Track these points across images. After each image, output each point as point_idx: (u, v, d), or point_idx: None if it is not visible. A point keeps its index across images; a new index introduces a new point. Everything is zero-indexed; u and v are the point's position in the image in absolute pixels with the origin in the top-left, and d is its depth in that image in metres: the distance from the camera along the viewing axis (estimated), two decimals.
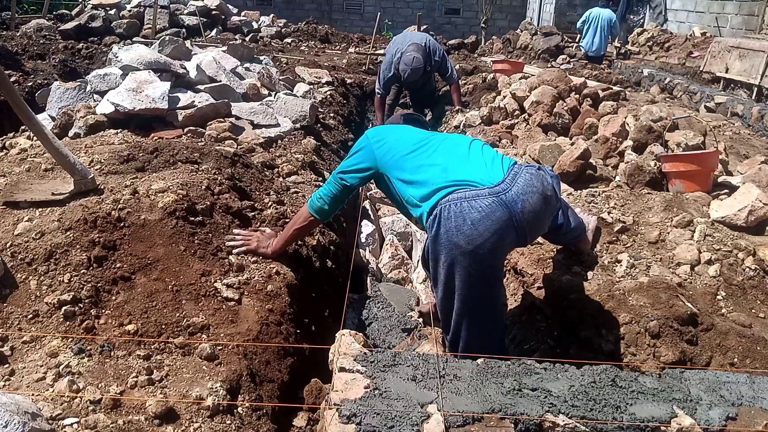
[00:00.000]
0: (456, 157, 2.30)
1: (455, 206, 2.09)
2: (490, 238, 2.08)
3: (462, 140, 2.47)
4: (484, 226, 2.07)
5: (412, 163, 2.33)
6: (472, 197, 2.09)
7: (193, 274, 2.40)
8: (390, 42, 6.76)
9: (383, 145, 2.44)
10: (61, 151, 2.67)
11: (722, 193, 3.41)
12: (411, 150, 2.37)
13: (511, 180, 2.15)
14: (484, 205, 2.07)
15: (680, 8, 13.27)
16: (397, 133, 2.52)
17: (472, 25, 19.15)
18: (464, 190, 2.12)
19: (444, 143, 2.40)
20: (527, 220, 2.14)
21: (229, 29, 12.44)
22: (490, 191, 2.10)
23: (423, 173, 2.27)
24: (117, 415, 1.76)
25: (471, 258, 2.10)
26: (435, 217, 2.14)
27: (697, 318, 2.46)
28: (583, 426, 1.58)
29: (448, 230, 2.10)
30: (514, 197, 2.11)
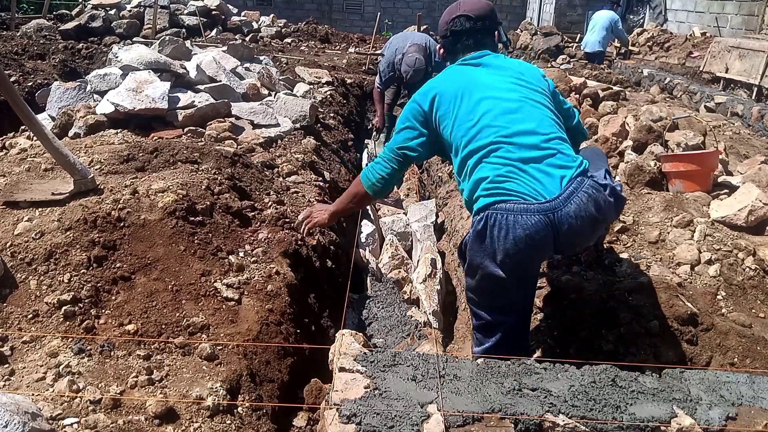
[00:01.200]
0: (521, 148, 2.12)
1: (501, 217, 2.05)
2: (529, 254, 2.09)
3: (536, 117, 2.20)
4: (529, 243, 2.04)
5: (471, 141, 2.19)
6: (520, 211, 2.03)
7: (193, 274, 2.40)
8: (388, 41, 6.76)
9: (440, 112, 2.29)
10: (61, 151, 2.67)
11: (722, 193, 3.41)
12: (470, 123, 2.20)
13: (565, 198, 2.04)
14: (530, 223, 2.02)
15: (680, 8, 13.27)
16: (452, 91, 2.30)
17: None
18: (514, 202, 2.05)
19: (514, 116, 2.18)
20: (569, 242, 2.14)
21: (229, 29, 12.44)
22: (539, 207, 2.03)
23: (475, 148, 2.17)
24: (117, 415, 1.76)
25: (505, 267, 2.10)
26: (482, 219, 2.12)
27: (697, 318, 2.47)
28: (583, 426, 1.58)
29: (491, 237, 2.08)
30: (562, 218, 2.03)
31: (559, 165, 2.11)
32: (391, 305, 3.41)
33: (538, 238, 2.03)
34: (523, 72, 2.37)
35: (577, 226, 2.04)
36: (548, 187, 2.06)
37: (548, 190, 2.05)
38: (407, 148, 2.41)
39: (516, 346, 2.22)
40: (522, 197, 2.04)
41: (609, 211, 2.16)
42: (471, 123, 2.20)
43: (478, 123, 2.18)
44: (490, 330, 2.27)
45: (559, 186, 2.06)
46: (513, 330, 2.25)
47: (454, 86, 2.29)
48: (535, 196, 2.04)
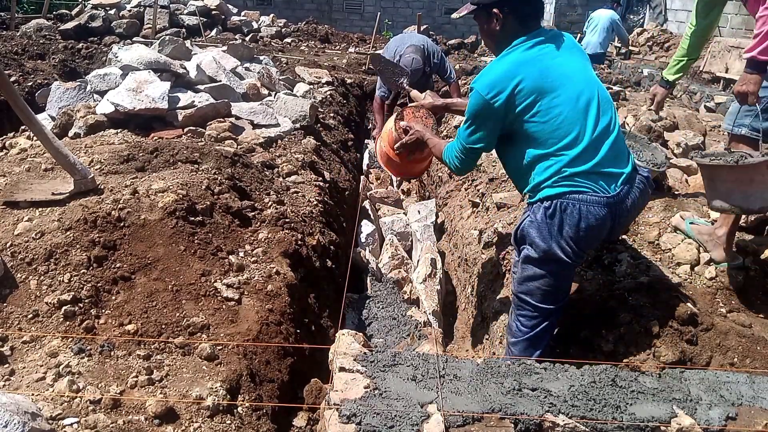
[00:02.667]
0: (593, 141, 2.18)
1: (574, 207, 2.17)
2: (591, 242, 2.29)
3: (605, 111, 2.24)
4: (593, 234, 2.21)
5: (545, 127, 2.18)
6: (593, 203, 2.16)
7: (193, 274, 2.40)
8: (387, 43, 6.75)
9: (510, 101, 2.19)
10: (61, 151, 2.67)
11: None
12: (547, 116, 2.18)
13: (625, 193, 2.21)
14: (600, 215, 2.17)
15: (680, 8, 13.27)
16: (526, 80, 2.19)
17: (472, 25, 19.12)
18: (587, 193, 2.16)
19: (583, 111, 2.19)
20: (618, 232, 2.43)
21: (229, 29, 12.44)
22: (608, 201, 2.17)
23: (557, 139, 2.18)
24: (117, 415, 1.77)
25: (570, 252, 2.21)
26: (553, 205, 2.19)
27: (697, 318, 2.46)
28: (583, 426, 1.58)
29: (562, 223, 2.18)
30: (621, 211, 2.22)
31: (622, 163, 2.26)
32: (391, 305, 3.41)
33: (603, 228, 2.21)
34: (580, 49, 2.38)
35: (629, 217, 2.32)
36: (614, 183, 2.21)
37: (613, 186, 2.20)
38: (479, 147, 2.37)
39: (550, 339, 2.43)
40: (594, 189, 2.17)
41: (647, 200, 2.41)
42: (555, 120, 2.17)
43: (562, 120, 2.17)
44: (534, 320, 2.36)
45: (620, 183, 2.21)
46: (555, 316, 2.38)
47: (531, 78, 2.17)
48: (603, 190, 2.18)
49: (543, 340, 2.38)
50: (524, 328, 2.39)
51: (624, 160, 2.26)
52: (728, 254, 2.72)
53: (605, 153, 2.18)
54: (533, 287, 2.32)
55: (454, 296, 3.89)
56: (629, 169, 2.24)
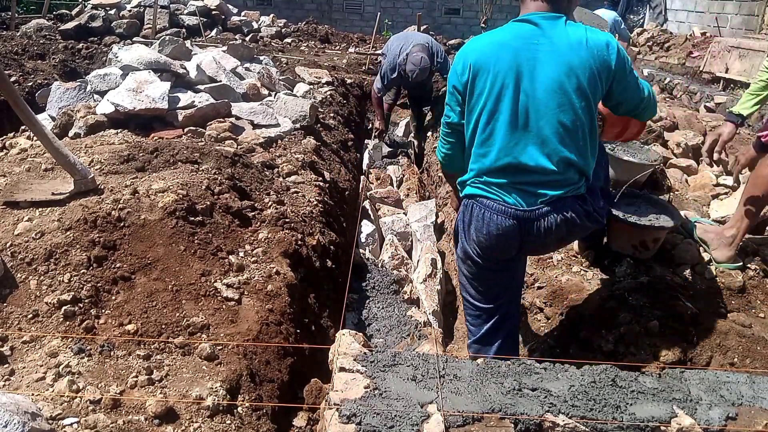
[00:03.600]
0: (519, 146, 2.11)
1: (479, 212, 2.21)
2: (496, 248, 2.25)
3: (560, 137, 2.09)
4: (497, 242, 2.22)
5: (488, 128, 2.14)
6: (498, 212, 2.16)
7: (193, 274, 2.40)
8: (387, 42, 6.75)
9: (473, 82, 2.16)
10: (61, 151, 2.67)
11: (722, 193, 3.41)
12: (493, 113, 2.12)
13: (542, 214, 2.14)
14: (503, 225, 2.17)
15: (680, 8, 13.27)
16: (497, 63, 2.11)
17: (472, 25, 19.14)
18: (496, 201, 2.16)
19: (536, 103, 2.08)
20: (533, 249, 2.37)
21: (229, 29, 12.44)
22: (515, 213, 2.14)
23: (487, 145, 2.16)
24: (117, 415, 1.76)
25: (479, 254, 2.29)
26: (467, 206, 2.28)
27: (697, 318, 2.46)
28: (583, 426, 1.58)
29: (470, 225, 2.26)
30: (532, 229, 2.17)
31: (554, 188, 2.14)
32: (391, 305, 3.41)
33: (507, 239, 2.20)
34: (574, 62, 2.06)
35: (546, 239, 2.20)
36: (533, 200, 2.15)
37: (530, 202, 2.15)
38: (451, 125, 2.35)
39: (506, 338, 2.39)
40: (504, 199, 2.16)
41: (582, 231, 2.32)
42: (486, 128, 2.15)
43: (493, 130, 2.14)
44: (478, 318, 2.41)
45: (540, 203, 2.14)
46: (499, 321, 2.37)
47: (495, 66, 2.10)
48: (516, 203, 2.15)
49: (494, 338, 2.37)
50: (472, 327, 2.44)
51: (560, 187, 2.12)
52: (734, 255, 2.73)
53: (538, 169, 2.10)
54: (464, 283, 2.41)
55: (454, 296, 3.89)
56: (560, 193, 2.12)
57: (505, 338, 2.39)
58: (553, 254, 3.04)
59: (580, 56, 2.05)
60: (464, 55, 2.21)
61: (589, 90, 2.07)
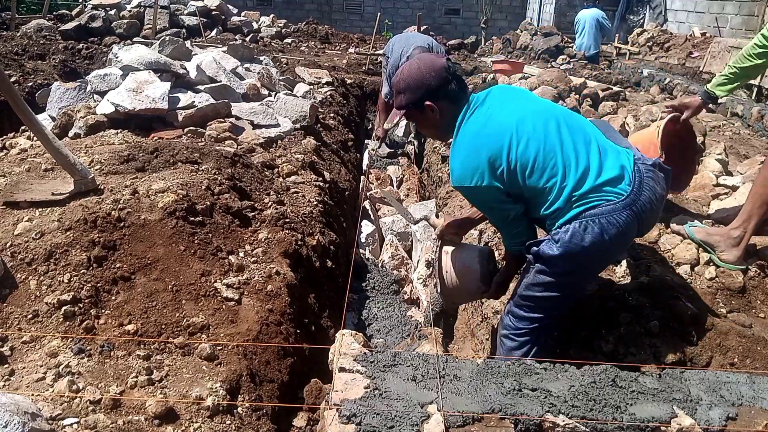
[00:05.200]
0: (581, 157, 2.13)
1: (594, 224, 2.09)
2: (621, 248, 2.25)
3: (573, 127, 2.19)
4: (622, 240, 2.18)
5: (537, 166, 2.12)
6: (611, 212, 2.09)
7: (193, 274, 2.40)
8: (389, 43, 6.75)
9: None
10: (61, 151, 2.67)
11: (722, 193, 3.41)
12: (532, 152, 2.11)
13: (638, 187, 2.14)
14: (621, 220, 2.10)
15: (680, 8, 13.27)
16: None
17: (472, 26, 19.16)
18: (599, 205, 2.10)
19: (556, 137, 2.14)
20: (648, 225, 2.30)
21: (229, 29, 12.44)
22: (625, 203, 2.11)
23: (548, 178, 2.12)
24: (117, 415, 1.76)
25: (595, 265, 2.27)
26: (571, 228, 2.12)
27: (697, 318, 2.46)
28: (583, 426, 1.58)
29: (584, 244, 2.11)
30: (643, 206, 2.14)
31: (616, 163, 2.17)
32: (391, 305, 3.41)
33: (629, 232, 2.16)
34: (514, 91, 2.39)
35: (655, 209, 2.21)
36: (621, 183, 2.14)
37: (624, 186, 2.14)
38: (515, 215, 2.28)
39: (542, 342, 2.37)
40: (607, 199, 2.11)
41: (666, 186, 2.30)
42: (537, 163, 2.13)
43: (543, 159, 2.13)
44: (543, 330, 2.34)
45: (628, 180, 2.15)
46: (545, 331, 2.36)
47: (494, 144, 2.14)
48: (616, 195, 2.12)
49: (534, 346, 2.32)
50: (531, 341, 2.33)
51: (617, 160, 2.18)
52: (742, 256, 2.68)
53: (597, 162, 2.14)
54: (537, 295, 2.26)
55: None
56: (628, 162, 2.18)
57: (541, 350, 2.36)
58: None
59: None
60: (477, 155, 2.15)
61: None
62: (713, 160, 3.82)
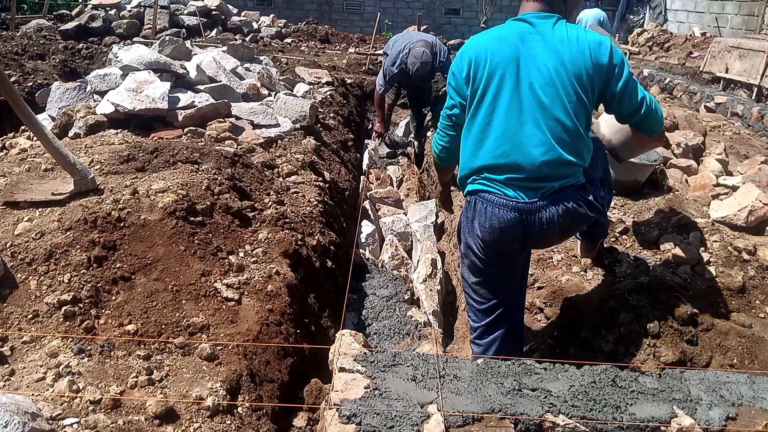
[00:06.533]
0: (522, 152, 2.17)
1: (482, 206, 2.25)
2: (500, 241, 2.27)
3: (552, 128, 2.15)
4: (500, 235, 2.25)
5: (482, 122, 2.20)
6: (500, 205, 2.21)
7: (193, 274, 2.40)
8: (390, 41, 6.76)
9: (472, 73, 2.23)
10: (61, 151, 2.67)
11: (722, 193, 3.41)
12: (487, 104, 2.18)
13: (542, 206, 2.19)
14: (506, 218, 2.21)
15: (680, 8, 13.27)
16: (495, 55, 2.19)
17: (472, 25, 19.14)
18: (498, 195, 2.21)
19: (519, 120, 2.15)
20: (536, 242, 2.37)
21: (229, 29, 12.44)
22: (517, 206, 2.19)
23: (483, 142, 2.22)
24: (117, 415, 1.76)
25: (481, 248, 2.32)
26: (469, 203, 2.33)
27: (697, 318, 2.46)
28: (583, 426, 1.58)
29: (474, 220, 2.30)
30: (534, 221, 2.21)
31: (551, 179, 2.19)
32: (391, 305, 3.41)
33: (511, 232, 2.23)
34: (565, 57, 2.13)
35: (547, 230, 2.23)
36: (533, 192, 2.20)
37: (531, 195, 2.20)
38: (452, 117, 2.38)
39: (509, 335, 2.41)
40: (505, 193, 2.21)
41: (584, 221, 2.35)
42: (484, 120, 2.21)
43: (489, 126, 2.20)
44: (480, 314, 2.43)
45: (541, 195, 2.19)
46: (502, 315, 2.39)
47: (492, 61, 2.17)
48: (517, 197, 2.20)
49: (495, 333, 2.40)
50: (474, 324, 2.46)
51: (556, 178, 2.18)
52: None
53: (533, 167, 2.16)
54: (467, 278, 2.44)
55: (454, 296, 3.89)
56: (558, 185, 2.18)
57: (506, 334, 2.40)
58: (553, 254, 3.04)
59: (572, 52, 2.12)
60: (464, 52, 2.29)
61: (581, 85, 2.12)
62: (713, 160, 3.82)
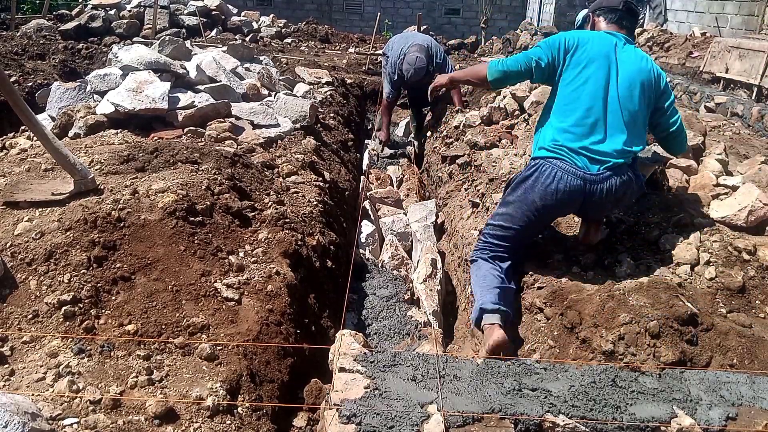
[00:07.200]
0: (598, 126, 2.59)
1: (551, 169, 2.58)
2: (561, 205, 2.66)
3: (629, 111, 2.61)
4: (560, 198, 2.60)
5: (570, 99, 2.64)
6: (568, 172, 2.56)
7: (193, 274, 2.40)
8: (388, 42, 6.76)
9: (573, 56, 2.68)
10: (61, 151, 2.67)
11: (722, 193, 3.41)
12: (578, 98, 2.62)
13: (605, 177, 2.57)
14: (571, 184, 2.56)
15: (680, 8, 13.27)
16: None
17: (472, 26, 19.15)
18: (568, 163, 2.56)
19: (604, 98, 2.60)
20: (595, 210, 2.76)
21: (229, 29, 12.45)
22: (584, 176, 2.56)
23: (567, 114, 2.64)
24: (117, 415, 1.77)
25: (539, 207, 2.65)
26: (536, 165, 2.64)
27: (697, 318, 2.46)
28: (583, 426, 1.58)
29: (537, 182, 2.62)
30: (596, 190, 2.59)
31: (615, 154, 2.59)
32: (391, 305, 3.41)
33: (572, 198, 2.60)
34: (642, 69, 2.69)
35: (605, 199, 2.62)
36: (598, 165, 2.59)
37: (597, 168, 2.58)
38: (535, 61, 2.75)
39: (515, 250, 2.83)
40: (575, 162, 2.57)
41: (632, 193, 2.75)
42: (576, 93, 2.63)
43: (580, 98, 2.62)
44: (503, 236, 2.77)
45: (604, 168, 2.58)
46: (517, 242, 2.80)
47: (592, 49, 2.65)
48: (585, 167, 2.57)
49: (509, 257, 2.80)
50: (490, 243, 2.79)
51: (620, 155, 2.58)
52: None
53: (603, 140, 2.57)
54: (498, 218, 2.77)
55: (454, 296, 3.89)
56: (621, 161, 2.58)
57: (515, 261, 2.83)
58: (553, 254, 3.04)
59: (646, 68, 2.71)
60: (572, 33, 2.75)
61: (648, 93, 2.69)
62: (713, 160, 3.82)
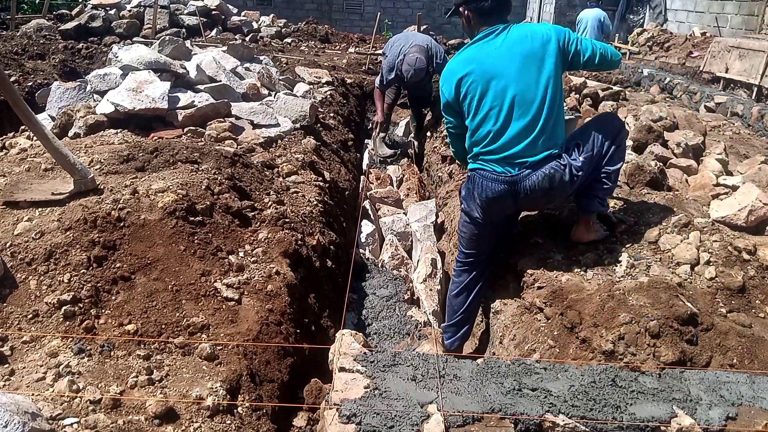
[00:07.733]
0: (508, 136, 2.71)
1: (479, 180, 2.80)
2: (494, 208, 2.86)
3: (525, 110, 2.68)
4: (494, 203, 2.82)
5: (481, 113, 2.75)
6: (491, 180, 2.76)
7: (193, 274, 2.40)
8: (388, 42, 6.76)
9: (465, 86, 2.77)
10: (61, 151, 2.67)
11: (722, 193, 3.41)
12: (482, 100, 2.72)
13: (525, 176, 2.72)
14: (497, 189, 2.77)
15: (680, 8, 13.27)
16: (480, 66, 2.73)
17: None
18: (489, 172, 2.76)
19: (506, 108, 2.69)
20: (528, 205, 3.03)
21: (229, 29, 12.44)
22: (505, 180, 2.74)
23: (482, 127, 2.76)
24: (117, 415, 1.77)
25: (479, 214, 2.89)
26: (470, 177, 2.89)
27: (697, 318, 2.46)
28: (583, 426, 1.58)
29: (473, 192, 2.86)
30: (521, 189, 2.76)
31: (532, 153, 2.72)
32: (391, 305, 3.41)
33: (503, 200, 2.81)
34: (526, 52, 2.67)
35: (532, 195, 2.78)
36: (517, 167, 2.75)
37: (516, 169, 2.75)
38: (453, 130, 2.99)
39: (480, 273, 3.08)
40: (495, 170, 2.77)
41: (564, 186, 2.79)
42: (478, 117, 2.75)
43: (482, 124, 2.76)
44: (464, 260, 3.08)
45: (523, 168, 2.74)
46: (480, 263, 3.07)
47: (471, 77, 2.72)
48: (505, 172, 2.75)
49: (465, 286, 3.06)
50: (457, 266, 3.10)
51: (536, 151, 2.70)
52: None
53: (516, 144, 2.69)
54: (461, 233, 3.05)
55: None
56: (538, 158, 2.71)
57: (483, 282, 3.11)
58: (554, 254, 3.04)
59: (532, 46, 2.67)
60: (448, 77, 2.83)
61: (546, 70, 2.66)
62: (713, 160, 3.82)
